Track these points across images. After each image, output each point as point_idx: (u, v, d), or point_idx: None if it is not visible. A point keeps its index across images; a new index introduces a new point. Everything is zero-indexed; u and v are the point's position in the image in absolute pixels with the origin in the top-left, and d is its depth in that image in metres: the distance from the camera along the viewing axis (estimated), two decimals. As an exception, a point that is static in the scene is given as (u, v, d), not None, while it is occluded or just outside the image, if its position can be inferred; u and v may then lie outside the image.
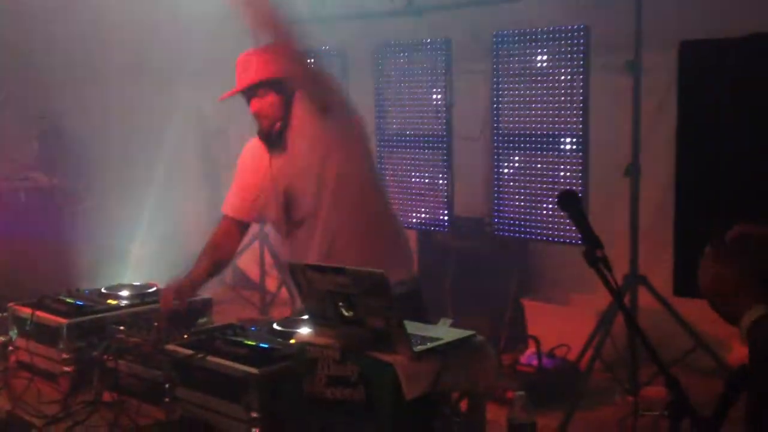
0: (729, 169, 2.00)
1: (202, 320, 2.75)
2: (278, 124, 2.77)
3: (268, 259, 6.50)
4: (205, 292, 2.91)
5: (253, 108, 2.80)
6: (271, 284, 6.53)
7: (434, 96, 5.11)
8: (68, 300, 2.72)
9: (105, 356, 2.42)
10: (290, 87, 2.74)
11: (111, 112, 6.24)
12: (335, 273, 1.85)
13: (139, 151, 6.27)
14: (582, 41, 4.33)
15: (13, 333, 2.72)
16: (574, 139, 4.46)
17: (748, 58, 1.99)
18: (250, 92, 2.79)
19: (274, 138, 2.80)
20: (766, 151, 1.97)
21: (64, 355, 2.51)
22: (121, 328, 2.49)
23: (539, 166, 4.63)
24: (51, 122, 6.08)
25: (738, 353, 4.04)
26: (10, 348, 2.71)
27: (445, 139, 5.11)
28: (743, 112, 2.00)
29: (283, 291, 6.23)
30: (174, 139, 6.53)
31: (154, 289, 2.89)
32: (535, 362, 4.44)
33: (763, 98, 1.96)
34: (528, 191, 4.68)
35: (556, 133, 4.49)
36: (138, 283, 2.98)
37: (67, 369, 2.51)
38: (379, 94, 5.43)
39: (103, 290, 2.88)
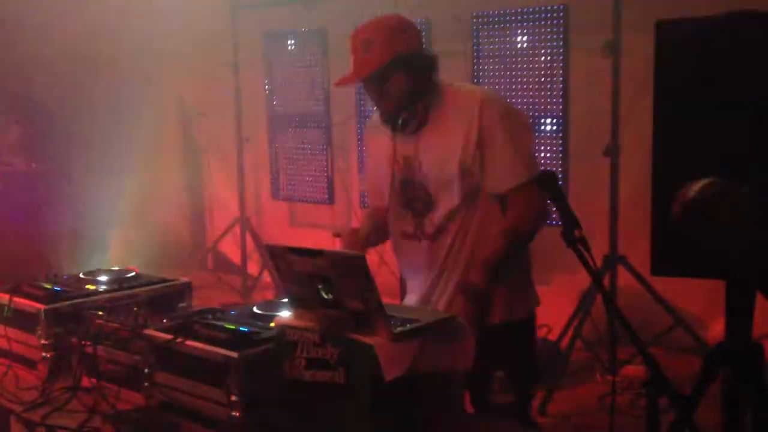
0: (706, 149, 2.01)
1: (181, 304, 2.73)
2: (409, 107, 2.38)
3: (249, 243, 6.49)
4: (186, 277, 2.89)
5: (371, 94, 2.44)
6: (253, 268, 6.52)
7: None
8: (46, 285, 2.70)
9: (83, 342, 2.41)
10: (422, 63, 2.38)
11: (91, 97, 6.17)
12: (314, 256, 1.84)
13: (119, 137, 6.22)
14: (561, 21, 4.33)
15: (-9, 319, 2.69)
16: (554, 120, 4.46)
17: (725, 37, 2.00)
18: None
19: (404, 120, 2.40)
20: (744, 131, 1.98)
21: (43, 341, 2.49)
22: (100, 313, 2.48)
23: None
24: (31, 106, 6.00)
25: (715, 331, 4.08)
26: (-12, 334, 2.68)
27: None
28: (721, 92, 2.00)
29: (265, 275, 6.22)
30: (154, 124, 6.47)
31: (133, 274, 2.87)
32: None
33: (741, 77, 1.97)
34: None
35: (536, 113, 4.49)
36: (117, 268, 2.96)
37: (45, 355, 2.49)
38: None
39: (81, 275, 2.86)
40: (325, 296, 1.87)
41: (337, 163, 5.89)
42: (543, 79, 4.45)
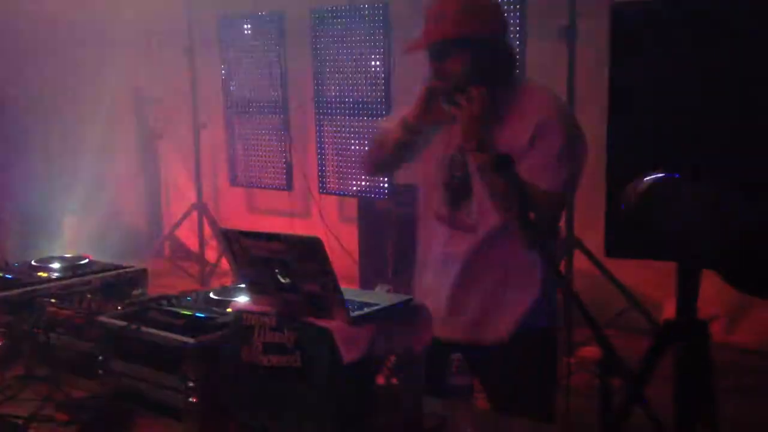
0: (660, 133, 2.04)
1: (136, 291, 2.70)
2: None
3: (207, 229, 6.43)
4: (142, 264, 2.86)
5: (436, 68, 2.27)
6: (211, 255, 6.46)
7: (373, 62, 5.08)
8: (-4, 273, 2.65)
9: (36, 330, 2.37)
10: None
11: (42, 82, 6.04)
12: (269, 239, 1.83)
13: (72, 123, 6.11)
14: (518, 7, 4.35)
15: (-62, 308, 2.63)
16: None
17: (679, 19, 2.02)
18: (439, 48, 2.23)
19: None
20: (698, 115, 2.01)
21: (-7, 329, 2.44)
22: (53, 300, 2.44)
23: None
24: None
25: (669, 312, 4.17)
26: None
27: (384, 105, 5.10)
28: (675, 76, 2.03)
29: (224, 262, 6.17)
30: (108, 110, 6.37)
31: (86, 261, 2.83)
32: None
33: (696, 60, 2.00)
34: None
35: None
36: (69, 255, 2.91)
37: (-4, 343, 2.44)
38: (317, 60, 5.37)
39: (33, 263, 2.81)
40: (282, 280, 1.86)
41: (295, 148, 5.86)
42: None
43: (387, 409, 1.92)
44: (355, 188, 5.34)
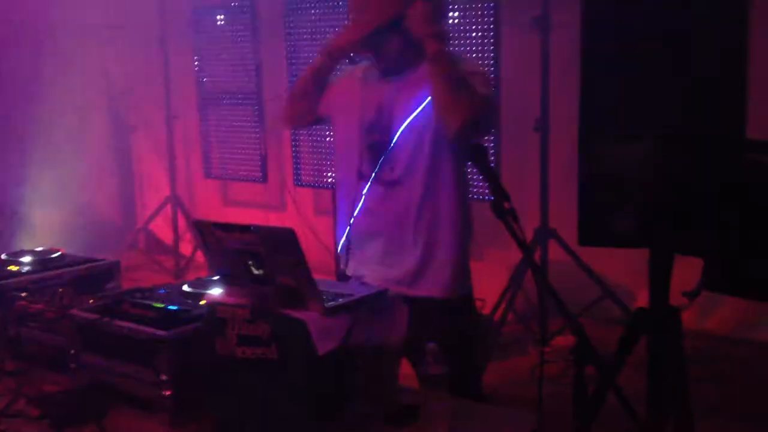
0: (631, 121, 2.06)
1: (109, 285, 2.67)
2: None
3: (181, 222, 6.38)
4: (116, 258, 2.83)
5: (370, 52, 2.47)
6: (186, 248, 6.41)
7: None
8: (-35, 267, 2.60)
9: (6, 324, 2.34)
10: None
11: (12, 72, 5.95)
12: (242, 231, 1.82)
13: (43, 113, 6.01)
14: (492, -2, 4.35)
15: None
16: (486, 96, 4.49)
17: (649, 9, 2.03)
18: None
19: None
20: (667, 104, 2.03)
21: (-37, 325, 2.41)
22: (23, 294, 2.41)
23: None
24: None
25: (642, 302, 4.21)
26: None
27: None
28: (646, 62, 2.04)
29: (199, 255, 6.13)
30: (79, 101, 6.28)
31: (58, 254, 2.79)
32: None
33: (666, 50, 2.01)
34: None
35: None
36: (40, 249, 2.87)
37: (-35, 339, 2.41)
38: (291, 51, 5.33)
39: (3, 256, 2.77)
40: (256, 272, 1.85)
41: (269, 140, 5.82)
42: (475, 56, 4.46)
43: (362, 398, 1.92)
44: (330, 180, 5.32)
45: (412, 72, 2.41)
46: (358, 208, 2.49)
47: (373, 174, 2.45)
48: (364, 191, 2.46)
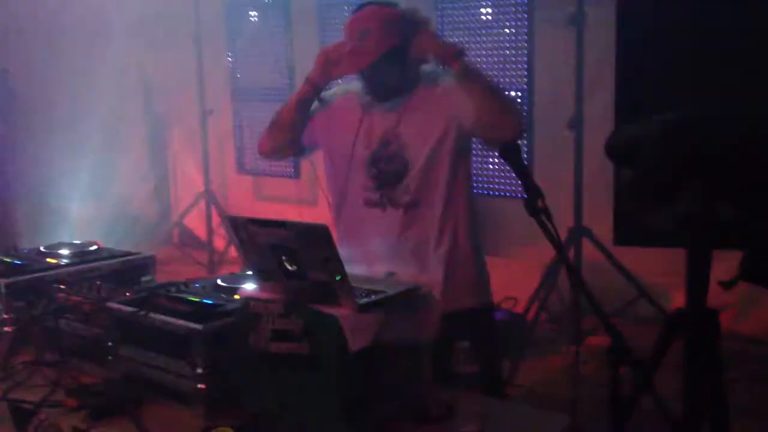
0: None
1: (145, 278, 2.71)
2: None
3: (215, 217, 6.43)
4: (151, 252, 2.87)
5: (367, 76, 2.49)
6: (219, 243, 6.47)
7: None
8: (6, 259, 2.66)
9: (46, 315, 2.38)
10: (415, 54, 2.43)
11: (51, 69, 6.05)
12: (277, 226, 1.83)
13: (81, 109, 6.11)
14: (527, -6, 4.33)
15: (-52, 294, 2.64)
16: (519, 93, 4.47)
17: (687, 5, 2.01)
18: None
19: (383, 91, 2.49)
20: (705, 102, 2.00)
21: (4, 315, 2.46)
22: (62, 287, 2.45)
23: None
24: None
25: (678, 303, 4.16)
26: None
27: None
28: (683, 61, 2.02)
29: (232, 249, 6.17)
30: (116, 97, 6.36)
31: (95, 248, 2.83)
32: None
33: (705, 46, 1.98)
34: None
35: (501, 86, 4.50)
36: (78, 242, 2.91)
37: (6, 329, 2.46)
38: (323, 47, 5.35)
39: (42, 249, 2.82)
40: (289, 268, 1.86)
41: (302, 136, 5.84)
42: (507, 52, 4.46)
43: (394, 396, 1.93)
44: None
45: (410, 97, 2.45)
46: (368, 235, 2.49)
47: (385, 198, 2.47)
48: (378, 217, 2.47)
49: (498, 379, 2.63)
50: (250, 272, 2.15)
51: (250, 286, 2.06)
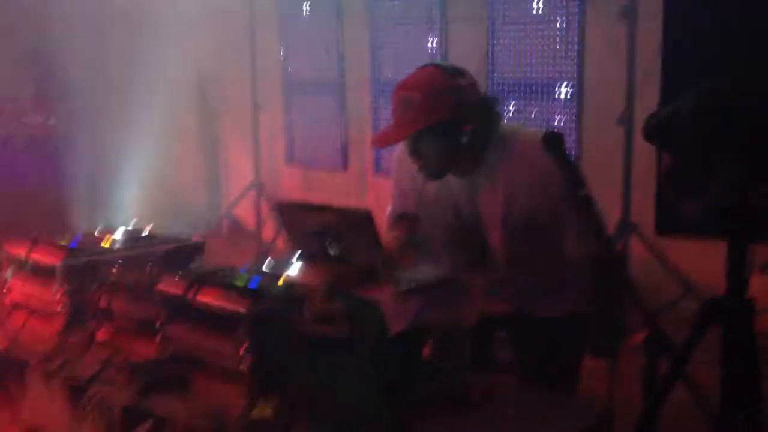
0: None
1: (194, 263, 2.78)
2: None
3: (264, 208, 6.53)
4: (199, 238, 2.94)
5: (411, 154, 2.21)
6: (267, 233, 6.57)
7: (428, 44, 5.08)
8: (63, 243, 2.75)
9: (98, 296, 2.47)
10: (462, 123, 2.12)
11: (107, 57, 6.20)
12: (321, 211, 1.88)
13: (136, 98, 6.25)
14: (578, -12, 4.30)
15: (9, 273, 2.75)
16: (570, 87, 4.45)
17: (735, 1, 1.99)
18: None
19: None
20: (753, 96, 1.98)
21: (59, 295, 2.55)
22: (115, 269, 2.53)
23: (534, 113, 4.64)
24: (49, 64, 6.06)
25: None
26: (6, 288, 2.75)
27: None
28: (732, 55, 2.00)
29: (280, 240, 6.26)
30: (171, 87, 6.49)
31: (148, 232, 2.92)
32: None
33: (752, 39, 1.97)
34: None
35: (552, 80, 4.48)
36: (131, 227, 3.00)
37: (61, 308, 2.55)
38: (375, 40, 5.39)
39: (97, 233, 2.91)
40: (332, 252, 1.90)
41: (350, 129, 5.90)
42: (559, 46, 4.43)
43: (432, 380, 1.96)
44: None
45: (481, 172, 2.18)
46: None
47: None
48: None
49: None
50: (294, 257, 2.20)
51: (294, 271, 2.11)
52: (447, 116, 2.08)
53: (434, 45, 5.07)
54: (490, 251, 2.23)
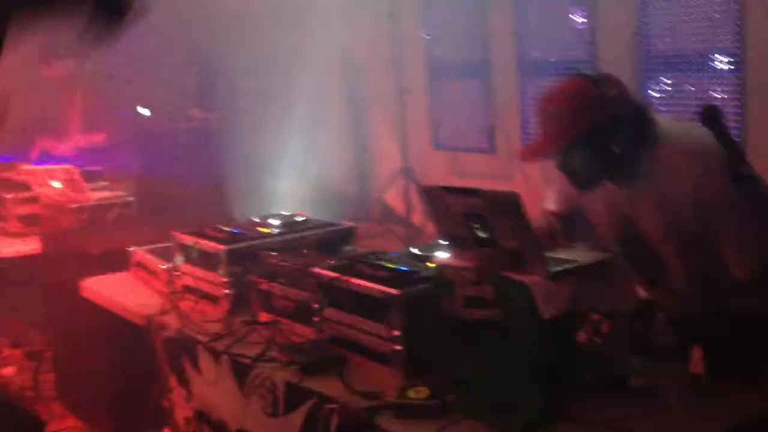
0: None
1: (346, 247, 2.87)
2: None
3: (413, 193, 6.59)
4: (352, 223, 3.03)
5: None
6: (418, 218, 6.63)
7: (577, 20, 4.94)
8: (225, 228, 2.91)
9: (260, 279, 2.60)
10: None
11: (259, 54, 6.45)
12: (468, 194, 1.88)
13: (285, 92, 6.47)
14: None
15: (179, 259, 2.95)
16: (729, 58, 4.19)
17: None
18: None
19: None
20: None
21: (224, 279, 2.71)
22: (273, 253, 2.65)
23: (691, 88, 4.41)
24: (206, 60, 6.39)
25: None
26: (177, 273, 2.95)
27: (589, 65, 4.95)
28: None
29: (430, 225, 6.30)
30: (318, 77, 6.68)
31: (303, 218, 3.04)
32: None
33: None
34: (679, 115, 4.47)
35: (709, 51, 4.23)
36: (287, 213, 3.13)
37: (226, 291, 2.71)
38: (520, 20, 5.30)
39: (255, 219, 3.06)
40: (481, 235, 1.90)
41: (497, 111, 5.84)
42: (717, 15, 4.18)
43: (590, 366, 1.92)
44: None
45: (637, 182, 2.13)
46: None
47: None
48: None
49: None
50: (443, 241, 2.22)
51: (443, 255, 2.13)
52: (594, 128, 2.04)
53: (582, 22, 4.92)
54: (664, 266, 2.17)
